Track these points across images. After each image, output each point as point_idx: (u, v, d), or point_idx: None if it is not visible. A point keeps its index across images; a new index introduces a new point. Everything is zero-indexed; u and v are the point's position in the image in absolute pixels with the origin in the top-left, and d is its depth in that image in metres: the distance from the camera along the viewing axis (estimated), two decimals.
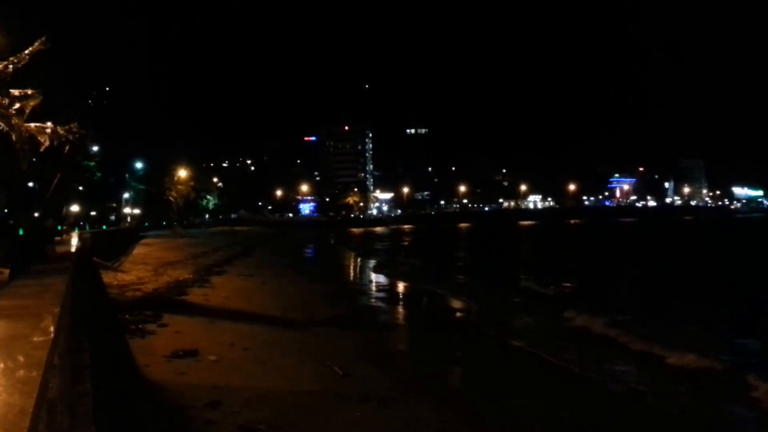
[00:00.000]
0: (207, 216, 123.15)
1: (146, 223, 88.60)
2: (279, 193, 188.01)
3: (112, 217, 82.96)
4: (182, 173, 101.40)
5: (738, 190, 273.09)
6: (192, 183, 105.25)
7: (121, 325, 14.88)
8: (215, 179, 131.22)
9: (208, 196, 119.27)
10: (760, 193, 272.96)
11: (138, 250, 44.47)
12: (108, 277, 23.97)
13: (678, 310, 26.76)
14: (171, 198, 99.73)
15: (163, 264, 34.46)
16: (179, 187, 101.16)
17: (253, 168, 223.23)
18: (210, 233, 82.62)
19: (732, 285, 34.72)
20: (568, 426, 11.70)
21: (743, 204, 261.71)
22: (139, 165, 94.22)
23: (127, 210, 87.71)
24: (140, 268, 31.57)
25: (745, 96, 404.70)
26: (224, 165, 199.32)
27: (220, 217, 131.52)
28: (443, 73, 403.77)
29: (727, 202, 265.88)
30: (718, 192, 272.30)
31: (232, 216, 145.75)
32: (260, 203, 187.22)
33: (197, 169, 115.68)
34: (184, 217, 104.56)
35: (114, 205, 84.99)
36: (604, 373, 15.75)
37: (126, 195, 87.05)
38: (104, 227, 60.92)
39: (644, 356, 17.28)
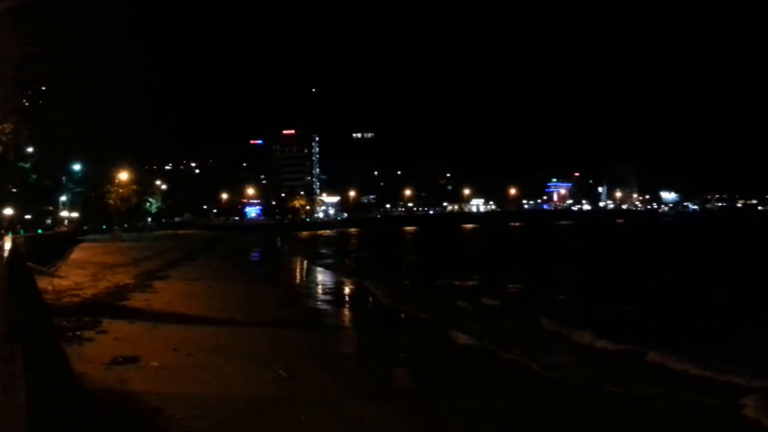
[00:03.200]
0: (149, 219, 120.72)
1: (85, 227, 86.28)
2: (225, 196, 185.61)
3: (49, 221, 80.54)
4: (124, 176, 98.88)
5: (665, 195, 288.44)
6: (134, 186, 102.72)
7: (58, 332, 14.38)
8: (158, 182, 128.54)
9: (151, 200, 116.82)
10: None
11: (76, 255, 43.26)
12: (44, 283, 23.20)
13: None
14: (111, 201, 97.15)
15: (102, 269, 33.60)
16: (120, 190, 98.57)
17: (198, 171, 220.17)
18: (153, 237, 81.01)
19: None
20: (513, 423, 11.89)
21: (670, 208, 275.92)
22: (77, 167, 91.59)
23: (64, 213, 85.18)
24: (78, 273, 30.70)
25: (674, 105, 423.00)
26: (168, 168, 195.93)
27: (164, 220, 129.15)
28: (390, 78, 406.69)
29: (655, 206, 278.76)
30: (647, 196, 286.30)
31: (176, 219, 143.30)
32: (205, 207, 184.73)
33: (140, 172, 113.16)
34: (125, 220, 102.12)
35: (50, 208, 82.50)
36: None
37: (63, 198, 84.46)
38: (39, 231, 59.05)
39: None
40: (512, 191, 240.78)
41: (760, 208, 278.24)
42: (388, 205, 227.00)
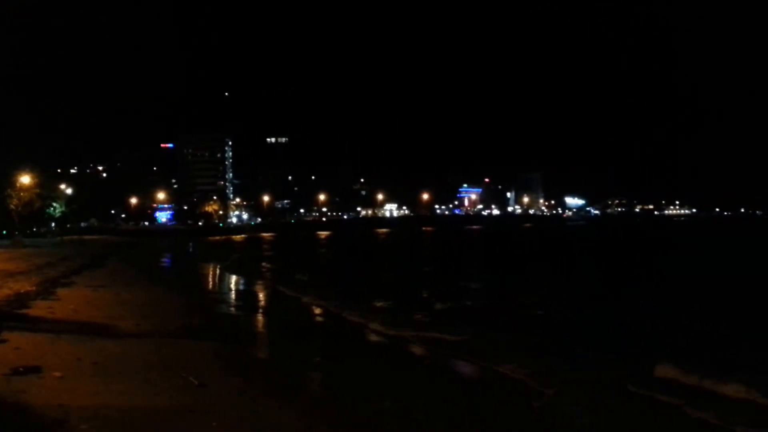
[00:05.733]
0: (53, 225, 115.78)
1: None
2: (134, 200, 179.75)
3: None
4: (25, 179, 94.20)
5: (569, 200, 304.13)
6: (37, 190, 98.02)
7: None
8: (63, 186, 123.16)
9: (55, 204, 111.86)
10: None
11: None
12: None
13: None
14: (12, 206, 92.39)
15: (2, 276, 31.97)
16: (21, 194, 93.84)
17: (105, 175, 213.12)
18: (56, 243, 77.68)
19: None
20: (425, 424, 12.12)
21: (574, 212, 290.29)
22: None
23: None
24: None
25: (577, 114, 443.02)
26: (73, 171, 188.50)
27: (69, 226, 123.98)
28: (304, 83, 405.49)
29: (560, 211, 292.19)
30: (552, 201, 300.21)
31: (82, 225, 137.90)
32: (113, 211, 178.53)
33: (43, 175, 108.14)
34: (27, 226, 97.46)
35: None
36: None
37: None
38: None
39: None
40: (425, 196, 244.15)
41: (656, 213, 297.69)
42: (302, 210, 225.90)
